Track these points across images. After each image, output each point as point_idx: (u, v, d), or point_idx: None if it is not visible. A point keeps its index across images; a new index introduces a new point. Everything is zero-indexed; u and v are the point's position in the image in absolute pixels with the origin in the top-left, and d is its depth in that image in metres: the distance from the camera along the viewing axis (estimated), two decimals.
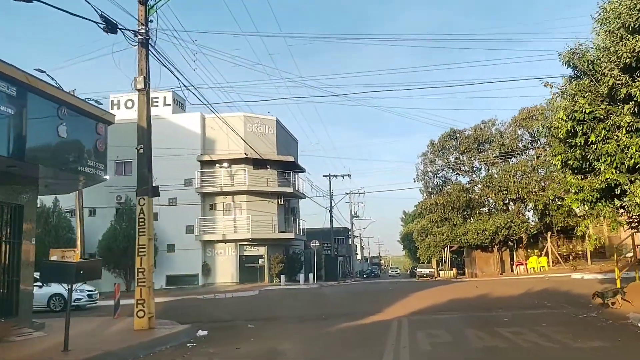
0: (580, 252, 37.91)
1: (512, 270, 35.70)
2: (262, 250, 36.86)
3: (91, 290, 21.59)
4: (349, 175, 48.37)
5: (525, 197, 33.69)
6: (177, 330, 11.64)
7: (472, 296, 16.60)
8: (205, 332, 11.62)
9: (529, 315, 12.26)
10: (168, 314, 15.68)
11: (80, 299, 20.44)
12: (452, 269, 43.55)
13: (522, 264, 35.19)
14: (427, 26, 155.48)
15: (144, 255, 11.60)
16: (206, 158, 35.92)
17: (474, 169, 38.95)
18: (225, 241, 35.65)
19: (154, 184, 12.38)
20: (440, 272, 54.15)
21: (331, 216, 48.07)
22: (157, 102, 39.37)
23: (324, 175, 58.72)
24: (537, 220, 34.75)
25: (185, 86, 14.72)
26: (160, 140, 37.37)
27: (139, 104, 12.34)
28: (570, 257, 37.88)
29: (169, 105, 38.98)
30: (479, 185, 37.58)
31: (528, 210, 36.02)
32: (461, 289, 20.71)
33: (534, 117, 35.04)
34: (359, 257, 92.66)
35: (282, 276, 33.17)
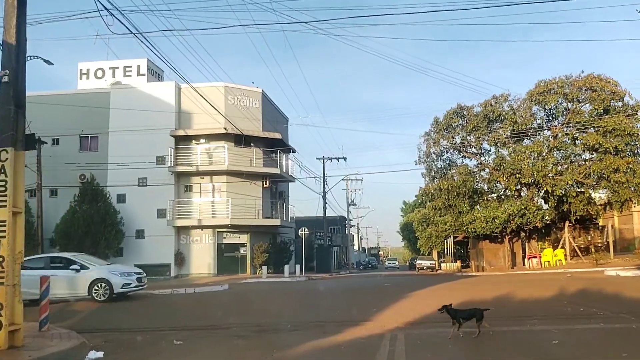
0: (599, 245, 33.97)
1: (523, 264, 31.73)
2: (243, 238, 32.89)
3: (139, 273, 17.75)
4: (344, 158, 44.42)
5: (541, 181, 29.60)
6: (53, 351, 7.67)
7: (489, 297, 12.62)
8: (100, 355, 7.69)
9: (584, 332, 8.31)
10: (84, 319, 11.79)
11: (129, 284, 16.73)
12: (455, 262, 39.57)
13: (535, 257, 31.23)
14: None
15: (3, 237, 7.61)
16: (181, 133, 31.81)
17: (483, 151, 34.86)
18: (201, 227, 31.66)
19: (30, 133, 8.36)
20: (442, 264, 50.29)
21: (324, 202, 44.09)
22: (130, 71, 35.36)
23: (317, 158, 54.73)
24: (552, 207, 30.64)
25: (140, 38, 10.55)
26: (129, 112, 32.90)
27: (5, 9, 8.19)
28: (589, 249, 33.96)
29: (143, 75, 34.86)
30: (488, 169, 33.49)
31: (541, 197, 31.89)
32: (472, 287, 16.76)
33: (552, 91, 30.93)
34: (356, 247, 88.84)
35: (264, 268, 29.15)
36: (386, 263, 79.02)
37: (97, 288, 16.05)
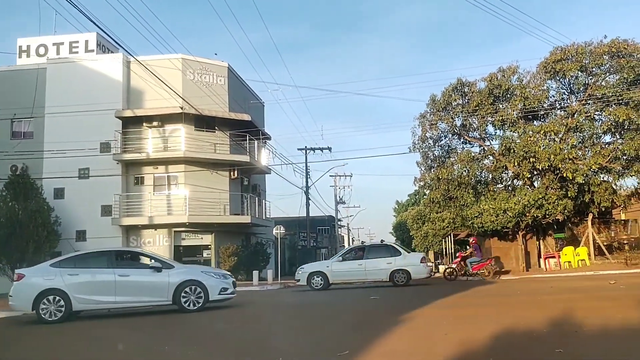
0: (625, 242, 29.04)
1: (539, 265, 26.72)
2: (207, 239, 27.76)
3: (230, 275, 13.82)
4: (329, 149, 39.15)
5: (560, 166, 24.63)
6: None
7: (539, 324, 7.55)
8: None
9: None
10: None
11: (226, 288, 12.80)
12: None
13: (553, 257, 26.24)
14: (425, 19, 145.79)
15: None
16: (128, 114, 26.63)
17: (487, 134, 29.88)
18: (155, 226, 26.52)
19: None
20: (440, 266, 45.32)
21: (307, 198, 38.93)
22: (76, 46, 30.27)
23: (299, 149, 49.78)
24: (571, 198, 25.66)
25: None
26: (68, 91, 26.45)
27: None
28: (611, 247, 29.04)
29: (92, 51, 29.74)
30: (492, 156, 28.47)
31: (559, 186, 26.79)
32: (496, 301, 11.73)
33: (570, 60, 26.00)
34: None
35: None
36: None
37: (186, 293, 12.05)
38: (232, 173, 28.28)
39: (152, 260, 12.46)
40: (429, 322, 8.52)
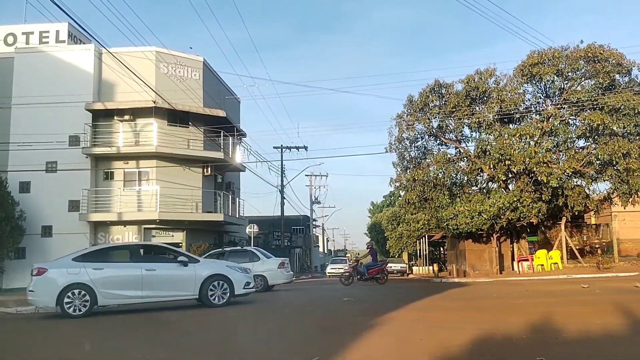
0: (596, 246, 29.34)
1: (512, 268, 26.76)
2: (178, 237, 27.09)
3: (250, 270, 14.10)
4: (305, 147, 38.78)
5: (535, 169, 24.65)
6: None
7: (518, 329, 7.29)
8: None
9: None
10: None
11: (249, 283, 12.94)
12: (431, 265, 34.50)
13: (526, 260, 26.30)
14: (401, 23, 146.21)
15: None
16: (99, 107, 25.83)
17: (463, 137, 29.84)
18: (124, 223, 25.78)
19: None
20: (414, 267, 45.41)
21: (282, 197, 38.52)
22: (47, 36, 29.34)
23: (274, 147, 49.32)
24: (545, 201, 25.68)
25: None
26: (36, 82, 25.43)
27: None
28: (583, 251, 29.28)
29: (63, 42, 28.82)
30: (468, 158, 28.42)
31: (533, 189, 26.83)
32: (474, 304, 11.49)
33: (547, 63, 26.08)
34: (321, 249, 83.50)
35: None
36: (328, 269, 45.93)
37: (213, 287, 12.05)
38: (205, 170, 27.70)
39: (181, 256, 12.36)
40: (403, 327, 8.19)
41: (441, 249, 42.61)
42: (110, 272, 11.44)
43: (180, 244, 27.03)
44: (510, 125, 27.82)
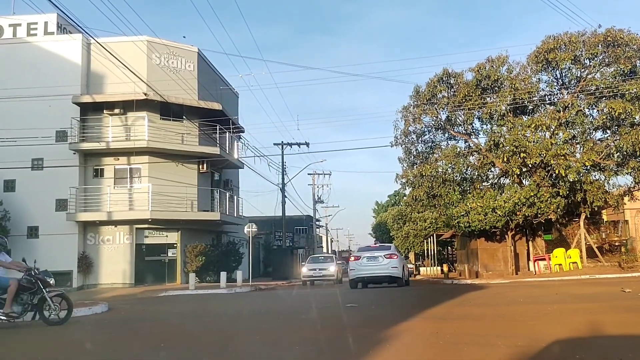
0: (616, 244, 27.68)
1: (528, 268, 25.11)
2: (173, 237, 25.66)
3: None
4: (306, 144, 37.17)
5: (552, 162, 23.03)
6: None
7: (567, 348, 5.71)
8: None
9: None
10: None
11: None
12: (440, 265, 32.84)
13: (543, 259, 24.65)
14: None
15: None
16: (87, 99, 24.40)
17: (473, 130, 28.23)
18: (115, 223, 24.33)
19: None
20: (421, 268, 43.73)
21: (283, 195, 36.97)
22: (35, 28, 27.92)
23: (275, 144, 47.89)
24: (563, 196, 24.05)
25: None
26: (21, 74, 23.96)
27: None
28: (602, 249, 27.58)
29: (52, 33, 27.41)
30: (478, 152, 26.78)
31: (548, 185, 25.17)
32: (501, 310, 9.89)
33: (563, 49, 24.47)
34: (324, 249, 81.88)
35: (192, 275, 21.68)
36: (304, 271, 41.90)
37: None
38: (201, 166, 26.22)
39: None
40: (420, 343, 6.63)
41: (449, 248, 40.93)
42: None
43: (175, 245, 25.65)
44: (524, 117, 26.25)
